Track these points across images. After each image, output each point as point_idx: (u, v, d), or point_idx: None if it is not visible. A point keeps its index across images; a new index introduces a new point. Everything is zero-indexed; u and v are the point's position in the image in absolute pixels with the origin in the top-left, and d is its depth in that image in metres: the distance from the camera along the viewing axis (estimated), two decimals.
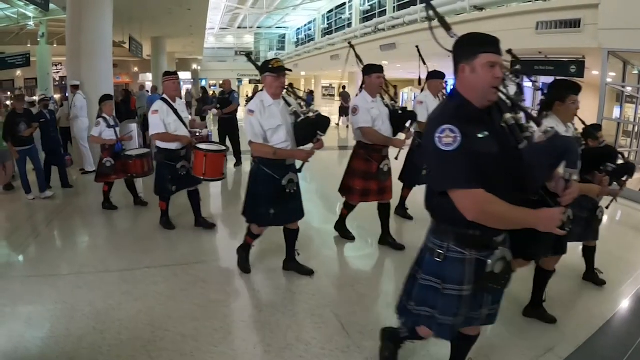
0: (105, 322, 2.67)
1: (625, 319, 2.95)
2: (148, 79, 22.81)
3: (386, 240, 3.95)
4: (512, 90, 2.04)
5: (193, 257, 3.74)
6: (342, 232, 4.16)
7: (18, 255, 3.91)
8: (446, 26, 1.88)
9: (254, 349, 2.47)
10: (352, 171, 3.82)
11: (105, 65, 7.87)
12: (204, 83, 28.55)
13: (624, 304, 3.11)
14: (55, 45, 18.65)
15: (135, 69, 26.52)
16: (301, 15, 27.44)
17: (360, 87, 3.78)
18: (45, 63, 15.94)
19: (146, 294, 3.07)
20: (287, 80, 3.25)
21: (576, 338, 2.60)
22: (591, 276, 3.35)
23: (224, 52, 32.92)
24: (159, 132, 4.01)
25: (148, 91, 12.46)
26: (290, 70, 3.08)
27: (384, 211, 3.92)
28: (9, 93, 20.73)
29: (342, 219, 4.12)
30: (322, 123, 3.03)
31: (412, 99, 19.68)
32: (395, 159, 3.92)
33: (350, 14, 20.98)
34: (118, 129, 5.18)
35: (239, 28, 31.04)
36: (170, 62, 21.71)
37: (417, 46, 4.49)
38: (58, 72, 21.06)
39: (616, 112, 9.46)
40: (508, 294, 1.80)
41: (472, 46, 1.55)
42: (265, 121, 2.94)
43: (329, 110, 18.52)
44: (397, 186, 4.38)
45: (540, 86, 3.71)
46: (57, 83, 20.52)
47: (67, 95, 8.24)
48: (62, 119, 7.85)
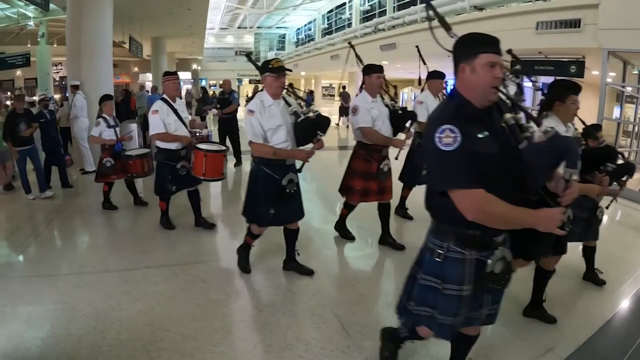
0: (105, 322, 2.67)
1: (625, 319, 2.95)
2: (148, 79, 22.82)
3: (386, 240, 3.95)
4: (512, 90, 2.05)
5: (193, 257, 3.74)
6: (342, 232, 4.16)
7: (18, 255, 3.91)
8: (446, 26, 1.88)
9: (254, 349, 2.47)
10: (352, 171, 3.82)
11: (105, 65, 7.87)
12: (204, 83, 28.56)
13: (624, 304, 3.11)
14: (55, 45, 18.66)
15: (135, 69, 26.53)
16: (301, 15, 27.45)
17: (360, 87, 3.78)
18: (45, 63, 15.94)
19: (146, 294, 3.07)
20: (287, 81, 3.25)
21: (576, 338, 2.61)
22: (591, 276, 3.35)
23: (224, 52, 32.92)
24: (158, 132, 4.02)
25: (148, 91, 12.47)
26: (290, 70, 3.08)
27: (384, 211, 3.92)
28: (9, 93, 20.75)
29: (342, 219, 4.12)
30: (322, 123, 3.03)
31: (412, 99, 19.70)
32: (395, 159, 3.92)
33: (350, 14, 20.98)
34: (118, 129, 5.18)
35: (239, 28, 31.05)
36: (170, 62, 21.71)
37: (417, 46, 4.50)
38: (58, 72, 21.07)
39: (616, 112, 9.46)
40: (508, 294, 1.80)
41: (472, 46, 1.55)
42: (265, 121, 2.94)
43: (329, 110, 18.52)
44: (397, 186, 4.38)
45: (540, 86, 3.71)
46: (57, 83, 20.54)
47: (67, 95, 8.24)
48: (62, 119, 7.86)
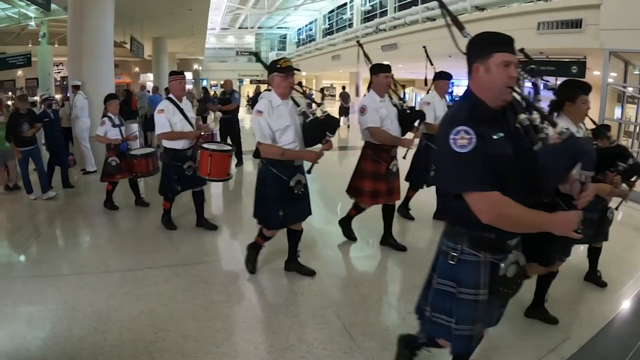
0: (107, 323, 2.67)
1: (627, 319, 2.95)
2: (149, 79, 22.85)
3: (388, 241, 3.92)
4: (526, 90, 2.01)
5: (194, 258, 3.74)
6: (346, 231, 4.10)
7: (19, 255, 3.91)
8: (459, 26, 1.85)
9: (256, 349, 2.46)
10: (361, 172, 3.76)
11: (106, 66, 7.90)
12: (205, 83, 28.60)
13: (626, 305, 3.10)
14: (56, 45, 18.72)
15: (137, 69, 26.58)
16: (302, 16, 27.47)
17: (368, 87, 3.73)
18: (46, 63, 16.00)
19: (148, 294, 3.07)
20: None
21: (578, 339, 2.60)
22: (593, 277, 3.34)
23: (225, 52, 32.97)
24: (164, 132, 4.00)
25: (149, 91, 12.49)
26: (298, 70, 3.04)
27: (388, 212, 3.88)
28: (10, 93, 20.79)
29: (349, 218, 4.04)
30: (331, 124, 3.00)
31: (413, 99, 19.68)
32: (403, 158, 3.89)
33: (352, 14, 20.98)
34: (123, 128, 5.15)
35: (240, 28, 31.07)
36: (171, 62, 21.74)
37: (424, 47, 4.49)
38: (59, 72, 21.11)
39: (617, 113, 9.46)
40: None
41: (486, 45, 1.52)
42: (273, 122, 2.91)
43: (329, 110, 18.45)
44: (404, 186, 4.36)
45: (542, 88, 3.69)
46: (59, 83, 20.59)
47: (69, 95, 8.25)
48: (64, 119, 7.85)
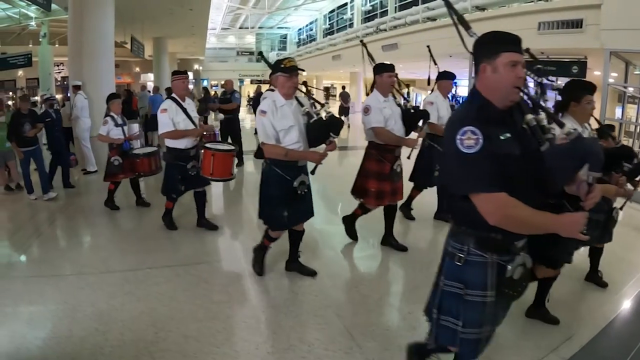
0: (108, 323, 2.67)
1: (628, 320, 2.95)
2: (150, 79, 22.84)
3: (389, 241, 3.92)
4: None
5: (195, 258, 3.74)
6: (349, 230, 4.08)
7: (20, 255, 3.92)
8: (465, 25, 1.84)
9: (257, 349, 2.46)
10: (366, 172, 3.74)
11: (107, 66, 7.88)
12: (205, 83, 28.60)
13: (627, 305, 3.10)
14: (57, 45, 18.71)
15: (137, 69, 26.58)
16: (303, 16, 27.43)
17: (372, 87, 3.72)
18: (47, 63, 16.00)
19: (148, 294, 3.07)
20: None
21: (579, 339, 2.60)
22: (594, 277, 3.34)
23: (226, 53, 32.97)
24: (167, 131, 3.99)
25: (150, 91, 12.50)
26: (303, 70, 3.02)
27: (390, 212, 3.87)
28: (11, 93, 20.81)
29: (354, 217, 4.02)
30: (335, 124, 2.99)
31: (413, 99, 19.68)
32: (408, 158, 3.89)
33: (352, 14, 20.95)
34: (126, 128, 5.15)
35: (240, 28, 31.03)
36: (172, 63, 21.71)
37: (428, 46, 4.46)
38: (60, 72, 21.11)
39: (618, 113, 9.46)
40: None
41: (494, 45, 1.51)
42: (277, 122, 2.90)
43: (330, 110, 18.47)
44: (407, 186, 4.35)
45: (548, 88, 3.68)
46: (59, 83, 20.59)
47: (69, 95, 8.25)
48: (64, 119, 7.86)
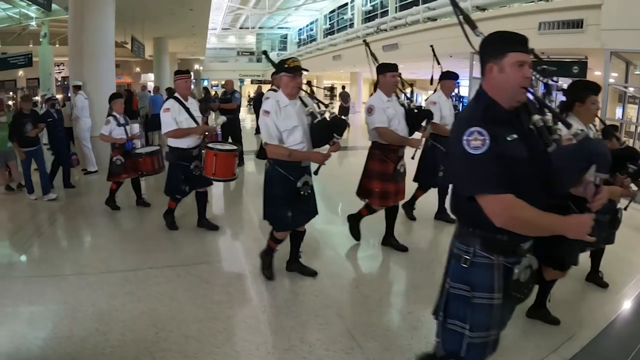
0: (108, 323, 2.67)
1: (628, 320, 2.95)
2: (150, 79, 22.84)
3: (389, 241, 3.92)
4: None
5: (196, 258, 3.74)
6: (353, 229, 4.05)
7: (20, 255, 3.92)
8: (472, 24, 1.83)
9: (257, 349, 2.46)
10: (369, 173, 3.73)
11: (107, 66, 7.88)
12: (206, 83, 28.61)
13: (627, 306, 3.10)
14: (57, 45, 18.72)
15: (137, 69, 26.59)
16: (303, 16, 27.43)
17: (375, 87, 3.70)
18: (47, 63, 15.99)
19: (149, 294, 3.07)
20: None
21: (579, 339, 2.60)
22: (595, 277, 3.34)
23: (226, 53, 33.00)
24: (171, 129, 3.98)
25: (150, 91, 12.50)
26: (307, 70, 3.01)
27: (392, 213, 3.86)
28: (11, 93, 20.82)
29: (359, 217, 3.99)
30: (339, 125, 2.98)
31: (414, 99, 19.63)
32: (412, 158, 3.88)
33: (352, 15, 20.95)
34: (128, 127, 5.13)
35: (241, 28, 31.03)
36: (172, 63, 21.72)
37: (432, 45, 4.45)
38: (60, 72, 21.12)
39: (618, 113, 9.45)
40: None
41: (500, 45, 1.50)
42: (281, 122, 2.89)
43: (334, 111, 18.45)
44: (411, 186, 4.37)
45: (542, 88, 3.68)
46: (60, 83, 20.59)
47: (69, 95, 8.26)
48: (65, 119, 7.86)
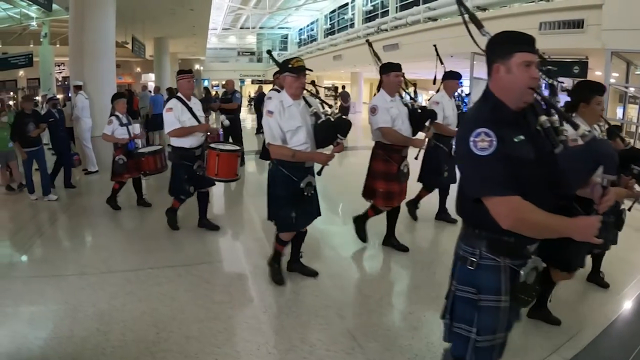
0: (109, 323, 2.67)
1: (629, 320, 2.94)
2: (151, 79, 22.85)
3: (390, 241, 3.91)
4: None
5: (197, 258, 3.74)
6: (358, 231, 4.02)
7: (21, 255, 3.92)
8: (478, 24, 1.82)
9: (258, 350, 2.46)
10: (373, 173, 3.72)
11: (107, 66, 7.88)
12: (206, 83, 28.62)
13: (628, 306, 3.10)
14: (57, 45, 18.73)
15: (138, 69, 26.61)
16: (303, 16, 27.44)
17: (378, 87, 3.69)
18: (47, 63, 16.00)
19: (150, 294, 3.07)
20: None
21: (581, 339, 2.60)
22: (596, 278, 3.33)
23: (227, 53, 33.01)
24: (174, 128, 3.97)
25: (150, 91, 12.51)
26: (311, 70, 2.99)
27: (393, 213, 3.85)
28: (12, 93, 20.84)
29: (365, 218, 3.95)
30: (343, 126, 2.95)
31: None
32: (415, 158, 3.88)
33: (353, 15, 20.95)
34: (131, 127, 5.11)
35: (241, 28, 31.04)
36: (173, 63, 21.71)
37: (435, 45, 4.43)
38: (61, 72, 21.12)
39: (619, 113, 9.46)
40: None
41: (507, 45, 1.48)
42: (284, 122, 2.86)
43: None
44: (415, 186, 4.37)
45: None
46: (60, 83, 20.59)
47: (70, 95, 8.27)
48: (66, 119, 7.87)
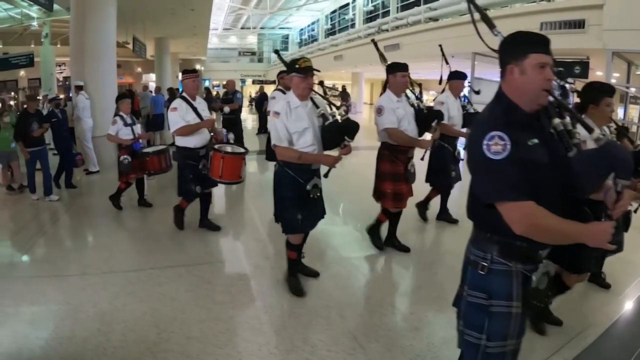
0: (110, 324, 2.67)
1: (630, 321, 2.94)
2: (151, 80, 22.87)
3: (391, 242, 3.90)
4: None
5: (198, 258, 3.74)
6: (374, 240, 3.94)
7: (22, 255, 3.92)
8: (489, 23, 1.79)
9: (259, 350, 2.46)
10: (380, 174, 3.70)
11: (108, 66, 7.89)
12: (207, 83, 28.65)
13: (630, 307, 3.09)
14: (58, 45, 18.74)
15: (139, 70, 26.65)
16: (304, 16, 27.42)
17: (384, 87, 3.66)
18: (48, 63, 16.01)
19: (151, 295, 3.07)
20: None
21: (582, 340, 2.59)
22: (597, 278, 3.32)
23: (227, 53, 33.02)
24: (179, 127, 3.94)
25: (152, 91, 12.51)
26: (318, 71, 2.94)
27: (395, 213, 3.84)
28: (13, 93, 20.85)
29: (378, 224, 3.90)
30: (351, 128, 2.91)
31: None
32: (421, 159, 3.87)
33: (354, 15, 20.95)
34: (135, 127, 5.08)
35: (242, 28, 31.03)
36: (174, 63, 21.75)
37: (440, 45, 4.42)
38: (62, 73, 21.14)
39: (620, 113, 9.43)
40: None
41: (521, 46, 1.45)
42: (291, 124, 2.81)
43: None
44: (422, 187, 4.37)
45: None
46: (61, 83, 20.61)
47: (71, 95, 8.28)
48: (67, 119, 7.88)
